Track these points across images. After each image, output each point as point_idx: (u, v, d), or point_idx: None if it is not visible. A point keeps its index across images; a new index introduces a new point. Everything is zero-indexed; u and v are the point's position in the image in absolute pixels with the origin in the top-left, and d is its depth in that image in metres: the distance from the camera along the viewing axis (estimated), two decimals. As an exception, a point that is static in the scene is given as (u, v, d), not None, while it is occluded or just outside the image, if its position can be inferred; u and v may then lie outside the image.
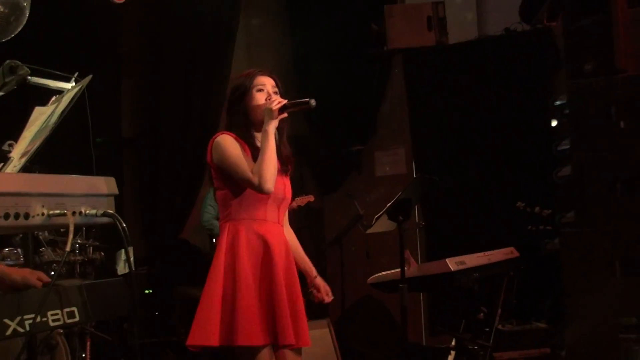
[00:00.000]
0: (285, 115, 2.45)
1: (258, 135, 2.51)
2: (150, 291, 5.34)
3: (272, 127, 2.38)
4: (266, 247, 2.37)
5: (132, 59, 5.75)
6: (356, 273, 5.61)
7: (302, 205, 4.97)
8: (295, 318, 2.37)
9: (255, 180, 2.33)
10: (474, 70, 5.24)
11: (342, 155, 5.92)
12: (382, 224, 3.58)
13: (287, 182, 2.56)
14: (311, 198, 4.92)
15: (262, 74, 2.52)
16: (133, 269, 1.64)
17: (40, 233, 4.18)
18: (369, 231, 3.65)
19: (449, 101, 5.31)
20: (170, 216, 5.60)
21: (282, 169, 2.53)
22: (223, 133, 2.46)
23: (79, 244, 4.31)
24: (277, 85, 2.55)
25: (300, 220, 5.65)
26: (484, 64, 5.28)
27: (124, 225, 1.57)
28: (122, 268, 2.78)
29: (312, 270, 2.67)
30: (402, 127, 5.72)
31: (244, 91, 2.49)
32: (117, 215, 1.59)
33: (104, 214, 1.58)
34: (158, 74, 5.65)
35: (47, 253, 4.15)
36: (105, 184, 1.67)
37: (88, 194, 1.56)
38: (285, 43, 6.10)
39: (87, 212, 1.59)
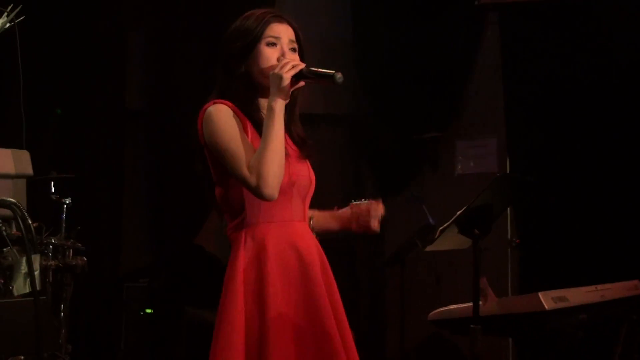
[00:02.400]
0: (301, 84, 2.33)
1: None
2: (151, 311, 5.38)
3: (280, 103, 2.26)
4: (300, 258, 2.32)
5: (142, 7, 5.84)
6: (422, 303, 5.57)
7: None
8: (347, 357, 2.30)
9: (252, 180, 2.24)
10: (597, 33, 5.12)
11: (410, 144, 5.95)
12: (450, 239, 3.53)
13: (310, 166, 2.49)
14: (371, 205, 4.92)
15: (278, 20, 2.40)
16: (36, 288, 1.36)
17: (4, 228, 4.09)
18: (429, 248, 3.58)
19: (561, 75, 5.24)
20: (183, 214, 5.64)
21: (303, 154, 2.45)
22: (217, 102, 2.35)
23: (54, 244, 4.26)
24: (298, 39, 2.43)
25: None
26: (609, 25, 5.12)
27: (29, 222, 1.30)
28: (20, 285, 2.60)
29: (338, 211, 2.63)
30: (494, 109, 5.70)
31: (250, 43, 2.36)
32: (18, 205, 1.31)
33: (-1, 203, 1.31)
34: (173, 27, 5.75)
35: (12, 254, 4.10)
36: (11, 161, 1.41)
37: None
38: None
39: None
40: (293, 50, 2.39)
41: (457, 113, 5.94)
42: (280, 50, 2.37)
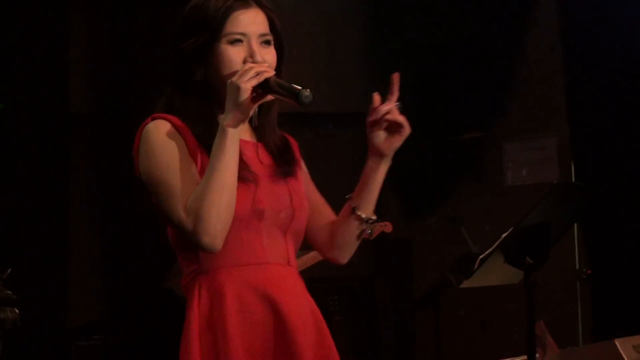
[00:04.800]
0: (268, 98, 2.29)
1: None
2: (108, 375, 5.47)
3: (234, 122, 2.25)
4: (277, 314, 2.32)
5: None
6: (463, 356, 5.64)
7: (372, 238, 4.88)
8: None
9: (188, 224, 2.25)
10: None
11: (445, 149, 5.98)
12: (495, 272, 3.46)
13: (295, 186, 2.43)
14: (387, 226, 5.04)
15: (243, 5, 2.36)
16: None
17: None
18: (467, 284, 3.53)
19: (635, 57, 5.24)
20: (147, 251, 5.63)
21: (282, 171, 2.41)
22: (156, 117, 2.35)
23: None
24: (273, 27, 2.39)
25: (368, 264, 5.75)
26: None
27: None
28: None
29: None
30: (552, 101, 5.76)
31: (205, 42, 2.35)
32: None
33: None
34: (127, 11, 5.89)
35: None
36: None
37: None
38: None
39: None
40: (266, 43, 2.35)
41: (504, 107, 5.98)
42: (247, 49, 2.34)
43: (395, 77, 2.32)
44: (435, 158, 6.03)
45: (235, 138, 2.25)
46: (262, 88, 2.25)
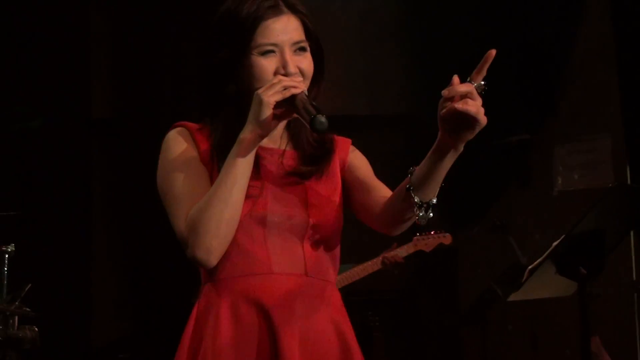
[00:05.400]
0: (293, 116, 2.27)
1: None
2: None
3: (251, 136, 2.25)
4: (269, 326, 2.31)
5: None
6: None
7: (429, 250, 5.20)
8: None
9: (184, 235, 2.29)
10: None
11: (490, 153, 5.85)
12: (546, 284, 3.52)
13: (317, 192, 2.41)
14: (446, 238, 5.19)
15: (274, 12, 2.33)
16: None
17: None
18: (515, 297, 3.55)
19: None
20: (175, 258, 5.59)
21: (304, 176, 2.41)
22: (178, 125, 2.42)
23: None
24: (308, 33, 2.37)
25: (411, 276, 5.69)
26: None
27: None
28: None
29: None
30: (605, 99, 5.73)
31: (236, 54, 2.34)
32: None
33: None
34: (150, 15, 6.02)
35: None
36: None
37: None
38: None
39: None
40: (301, 50, 2.34)
41: (554, 107, 5.95)
42: (280, 59, 2.32)
43: (490, 54, 2.12)
44: (480, 162, 5.83)
45: (250, 153, 2.25)
46: (288, 104, 2.23)
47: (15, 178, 5.55)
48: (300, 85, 2.23)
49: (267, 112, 2.20)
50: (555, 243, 3.37)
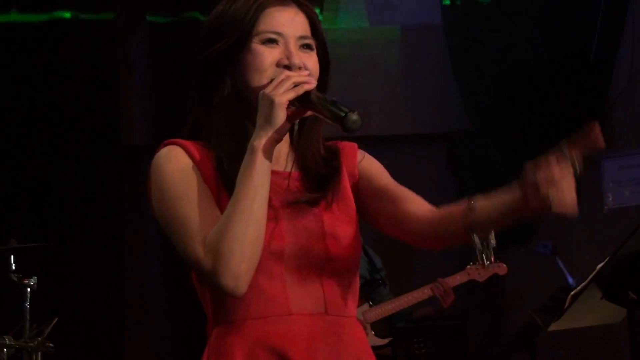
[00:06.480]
0: (307, 113, 2.16)
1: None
2: None
3: (266, 142, 2.12)
4: None
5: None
6: None
7: (483, 280, 5.28)
8: None
9: (206, 262, 2.12)
10: None
11: None
12: (592, 310, 3.54)
13: (333, 218, 2.28)
14: (502, 268, 5.21)
15: (280, 3, 2.24)
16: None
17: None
18: (556, 327, 3.56)
19: None
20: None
21: (315, 202, 2.28)
22: (168, 142, 2.27)
23: (10, 346, 4.34)
24: (315, 32, 2.27)
25: (458, 301, 5.70)
26: None
27: None
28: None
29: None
30: None
31: (236, 42, 2.23)
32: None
33: None
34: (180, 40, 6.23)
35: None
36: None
37: None
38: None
39: None
40: (306, 47, 2.23)
41: (601, 119, 5.85)
42: (283, 50, 2.21)
43: (595, 129, 1.98)
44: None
45: (267, 162, 2.13)
46: (301, 102, 2.12)
47: (45, 208, 5.60)
48: (311, 80, 2.13)
49: (281, 113, 2.09)
50: (599, 266, 3.35)
